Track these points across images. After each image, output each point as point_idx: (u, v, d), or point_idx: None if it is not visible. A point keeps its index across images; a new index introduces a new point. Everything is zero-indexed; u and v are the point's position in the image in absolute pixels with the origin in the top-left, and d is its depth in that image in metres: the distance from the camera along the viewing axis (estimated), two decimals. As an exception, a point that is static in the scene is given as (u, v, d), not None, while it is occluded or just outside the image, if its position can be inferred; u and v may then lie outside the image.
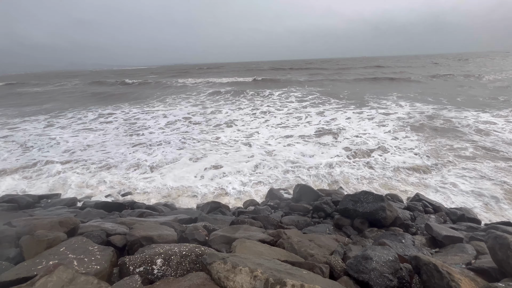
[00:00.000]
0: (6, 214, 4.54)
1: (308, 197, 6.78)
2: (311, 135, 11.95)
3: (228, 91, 27.05)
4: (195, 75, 52.90)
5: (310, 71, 50.86)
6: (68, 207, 6.05)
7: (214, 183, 7.82)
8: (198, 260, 2.59)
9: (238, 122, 15.09)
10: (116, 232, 3.41)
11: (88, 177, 8.38)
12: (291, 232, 3.98)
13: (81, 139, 12.80)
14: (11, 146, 12.09)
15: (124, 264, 2.47)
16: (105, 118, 17.26)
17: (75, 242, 2.78)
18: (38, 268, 2.27)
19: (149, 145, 11.50)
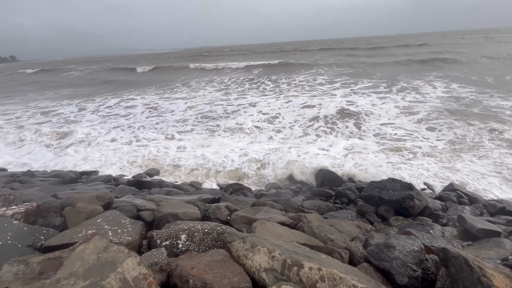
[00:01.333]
0: (53, 188, 5.09)
1: (330, 183, 6.67)
2: (336, 119, 11.50)
3: (253, 74, 26.68)
4: (219, 58, 52.56)
5: (340, 51, 47.78)
6: (104, 183, 6.61)
7: (236, 164, 7.96)
8: (219, 238, 2.71)
9: (261, 104, 14.94)
10: (146, 208, 3.67)
11: (121, 156, 9.00)
12: (312, 216, 3.97)
13: (113, 123, 13.66)
14: (52, 124, 13.32)
15: (152, 237, 2.67)
16: (126, 103, 18.04)
17: (110, 215, 3.04)
18: (78, 236, 2.54)
19: (174, 127, 11.96)
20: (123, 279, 1.67)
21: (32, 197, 3.84)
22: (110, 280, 1.61)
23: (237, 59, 47.89)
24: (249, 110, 14.07)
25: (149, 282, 1.79)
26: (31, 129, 12.69)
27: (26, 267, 1.91)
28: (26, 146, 10.69)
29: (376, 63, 28.95)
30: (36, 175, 7.15)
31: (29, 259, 1.99)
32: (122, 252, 1.89)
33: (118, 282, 1.63)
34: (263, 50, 72.24)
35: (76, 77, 38.45)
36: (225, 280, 1.82)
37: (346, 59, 34.70)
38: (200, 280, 1.81)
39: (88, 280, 1.59)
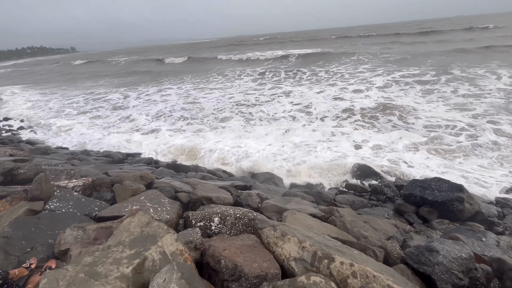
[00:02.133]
0: (104, 166, 5.69)
1: (366, 178, 6.33)
2: (374, 112, 10.70)
3: (289, 64, 26.00)
4: (254, 47, 52.10)
5: (386, 38, 43.77)
6: (146, 165, 7.18)
7: (270, 155, 7.98)
8: (250, 224, 2.78)
9: (295, 95, 14.58)
10: (182, 190, 3.90)
11: (160, 141, 9.66)
12: (345, 211, 3.84)
13: (153, 110, 14.64)
14: (104, 112, 14.76)
15: (188, 218, 2.84)
16: (164, 92, 18.99)
17: (151, 194, 3.31)
18: (125, 210, 2.82)
19: (210, 116, 12.36)
20: (163, 252, 1.82)
21: (88, 173, 4.34)
22: (151, 252, 1.76)
23: (273, 47, 47.00)
24: (283, 100, 13.87)
25: (185, 257, 1.93)
26: (87, 114, 14.23)
27: (84, 233, 2.19)
28: (82, 129, 12.08)
29: (428, 50, 25.97)
30: (91, 154, 8.05)
31: (86, 226, 2.27)
32: (162, 228, 2.06)
33: (158, 254, 1.78)
34: (300, 37, 69.63)
35: (122, 67, 41.59)
36: (255, 264, 1.87)
37: (393, 46, 31.71)
38: (231, 262, 1.89)
39: (134, 249, 1.77)
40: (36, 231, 2.26)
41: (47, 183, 2.89)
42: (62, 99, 19.83)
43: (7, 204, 2.69)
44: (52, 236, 2.28)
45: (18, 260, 1.99)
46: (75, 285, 1.41)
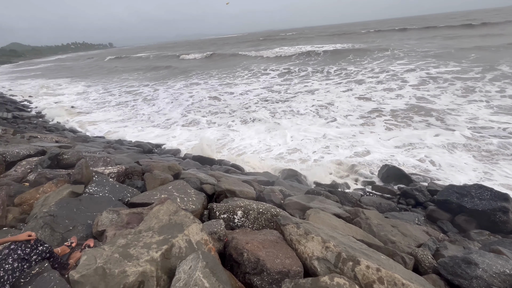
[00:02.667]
0: (136, 155, 6.05)
1: (396, 180, 6.00)
2: (408, 110, 10.02)
3: (317, 60, 25.24)
4: (281, 42, 51.28)
5: (424, 32, 40.61)
6: (174, 156, 7.50)
7: (296, 153, 7.90)
8: (273, 219, 2.78)
9: (320, 93, 14.17)
10: (207, 182, 4.01)
11: (187, 133, 10.00)
12: (371, 213, 3.69)
13: (182, 104, 15.15)
14: (139, 104, 15.62)
15: (212, 209, 2.92)
16: (190, 86, 19.47)
17: (178, 184, 3.45)
18: (154, 198, 2.97)
19: (235, 111, 12.52)
20: (188, 241, 1.89)
21: (122, 161, 4.64)
22: (178, 239, 1.84)
23: (300, 42, 45.87)
24: (308, 97, 13.56)
25: (209, 247, 1.99)
26: (121, 106, 15.16)
27: (118, 216, 2.35)
28: (117, 119, 12.91)
29: (473, 44, 23.59)
30: (124, 143, 8.59)
31: (120, 211, 2.43)
32: (188, 218, 2.14)
33: (184, 242, 1.86)
34: (329, 32, 67.11)
35: (151, 61, 43.36)
36: (277, 260, 1.87)
37: (433, 40, 29.28)
38: (253, 255, 1.91)
39: (162, 236, 1.86)
40: (77, 212, 2.47)
41: (87, 169, 3.14)
42: (101, 91, 21.32)
43: (53, 185, 2.98)
44: (90, 217, 2.48)
45: (62, 237, 2.20)
46: (110, 263, 1.52)
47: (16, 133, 7.20)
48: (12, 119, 12.21)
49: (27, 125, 11.23)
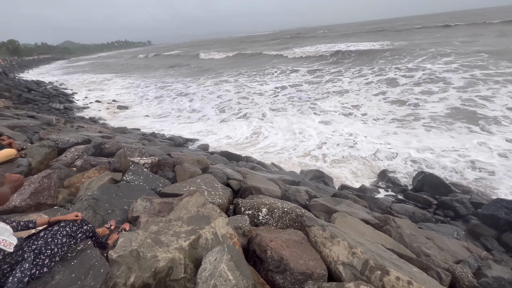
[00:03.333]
0: (168, 148, 6.37)
1: (433, 189, 5.56)
2: (448, 117, 9.16)
3: (349, 60, 24.16)
4: (316, 40, 49.94)
5: (476, 28, 36.71)
6: (202, 150, 7.76)
7: (323, 155, 7.72)
8: (298, 220, 2.75)
9: (350, 95, 13.57)
10: (234, 177, 4.09)
11: (215, 129, 10.28)
12: (403, 222, 3.48)
13: (211, 101, 15.60)
14: (170, 97, 16.45)
15: (237, 204, 2.98)
16: (220, 84, 19.87)
17: (206, 178, 3.57)
18: (183, 189, 3.11)
19: (264, 107, 12.57)
20: (215, 233, 1.95)
21: (155, 153, 4.92)
22: (205, 231, 1.91)
23: (334, 40, 44.31)
24: (335, 98, 13.10)
25: (234, 242, 2.03)
26: (156, 100, 16.06)
27: (151, 205, 2.50)
28: (153, 112, 13.71)
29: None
30: (157, 136, 9.09)
31: (153, 199, 2.59)
32: (215, 211, 2.20)
33: (211, 234, 1.92)
34: (367, 29, 63.79)
35: (182, 59, 45.10)
36: (301, 261, 1.85)
37: (479, 39, 26.37)
38: (277, 254, 1.91)
39: (190, 226, 1.94)
40: (115, 197, 2.68)
41: (125, 158, 3.39)
42: (140, 86, 22.78)
43: (96, 171, 3.26)
44: (127, 203, 2.67)
45: (102, 219, 2.41)
46: (144, 247, 1.64)
47: (67, 122, 8.00)
48: (63, 110, 13.60)
49: (76, 115, 12.42)
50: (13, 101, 15.75)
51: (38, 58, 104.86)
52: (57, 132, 5.50)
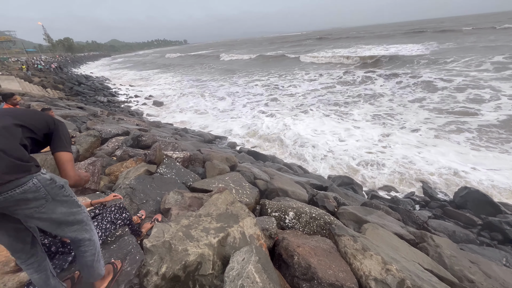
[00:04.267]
0: (198, 144, 6.58)
1: (478, 208, 5.03)
2: (499, 130, 8.17)
3: (387, 63, 22.78)
4: (349, 43, 48.03)
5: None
6: (230, 148, 7.89)
7: (352, 160, 7.40)
8: (326, 227, 2.66)
9: (382, 101, 12.79)
10: (261, 178, 4.09)
11: (245, 128, 10.38)
12: (441, 240, 3.19)
13: (243, 100, 15.78)
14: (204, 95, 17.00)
15: (264, 205, 2.96)
16: (251, 84, 19.99)
17: (234, 176, 3.61)
18: (213, 186, 3.18)
19: (294, 109, 12.42)
20: (242, 233, 1.96)
21: (187, 148, 5.11)
22: (233, 229, 1.92)
23: (371, 42, 42.14)
24: (367, 103, 12.43)
25: (261, 243, 2.02)
26: (189, 96, 16.69)
27: (182, 198, 2.60)
28: (186, 107, 14.30)
29: None
30: (189, 132, 9.45)
31: (184, 193, 2.69)
32: (243, 210, 2.21)
33: (238, 233, 1.93)
34: (407, 29, 59.70)
35: (211, 59, 46.23)
36: (330, 271, 1.78)
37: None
38: (305, 260, 1.86)
39: (219, 223, 1.97)
40: (150, 188, 2.83)
41: (160, 151, 3.56)
42: (175, 83, 23.90)
43: (134, 162, 3.48)
44: (159, 194, 2.81)
45: (137, 208, 2.56)
46: (175, 240, 1.70)
47: (109, 114, 8.67)
48: (106, 103, 14.76)
49: (117, 108, 13.41)
50: (66, 92, 17.51)
51: (88, 54, 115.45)
52: (101, 123, 5.98)
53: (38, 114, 1.24)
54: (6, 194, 0.96)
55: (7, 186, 0.95)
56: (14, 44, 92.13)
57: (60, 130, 1.25)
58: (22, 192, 0.99)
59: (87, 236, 1.29)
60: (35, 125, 1.16)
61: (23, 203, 1.01)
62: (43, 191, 1.05)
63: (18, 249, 1.21)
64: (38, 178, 1.04)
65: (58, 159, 1.23)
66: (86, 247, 1.31)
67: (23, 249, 1.22)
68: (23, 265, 1.25)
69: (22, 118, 1.13)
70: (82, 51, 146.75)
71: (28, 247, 1.23)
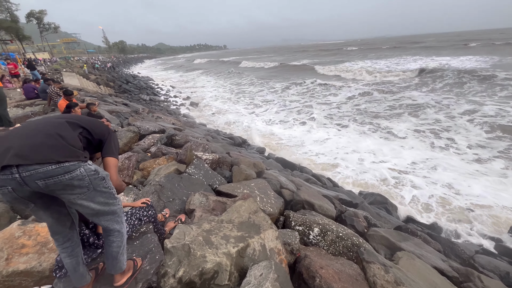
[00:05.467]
0: (228, 147, 6.68)
1: (542, 249, 4.27)
2: None
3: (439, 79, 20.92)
4: (391, 52, 45.29)
5: None
6: (259, 153, 7.86)
7: (387, 177, 6.88)
8: (353, 249, 2.45)
9: (428, 112, 11.67)
10: (287, 187, 3.97)
11: (278, 134, 10.31)
12: (492, 283, 2.75)
13: (273, 107, 15.76)
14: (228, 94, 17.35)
15: (288, 217, 2.85)
16: (285, 91, 19.79)
17: (260, 183, 3.55)
18: (238, 191, 3.15)
19: (332, 119, 12.01)
20: (263, 245, 1.88)
21: (216, 150, 5.20)
22: (254, 240, 1.86)
23: (418, 52, 39.15)
24: (413, 115, 11.46)
25: (281, 259, 1.92)
26: (224, 99, 17.17)
27: (206, 201, 2.61)
28: (222, 109, 14.73)
29: None
30: (220, 134, 9.67)
31: (209, 196, 2.70)
32: (266, 221, 2.14)
33: (259, 245, 1.86)
34: (465, 39, 54.46)
35: (244, 64, 47.10)
36: (355, 301, 1.61)
37: None
38: (327, 285, 1.72)
39: (240, 232, 1.92)
40: (177, 187, 2.90)
41: (190, 152, 3.66)
42: (211, 86, 24.87)
43: (165, 160, 3.62)
44: (186, 194, 2.86)
45: (164, 205, 2.63)
46: (195, 244, 1.69)
47: (149, 112, 9.27)
48: (148, 101, 15.85)
49: (157, 107, 14.32)
50: (115, 90, 19.24)
51: (137, 56, 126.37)
52: (141, 120, 6.40)
53: (99, 123, 1.45)
54: (56, 178, 1.08)
55: (57, 170, 1.08)
56: (78, 45, 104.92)
57: (112, 138, 1.45)
58: (70, 178, 1.12)
59: (117, 227, 1.39)
60: (94, 131, 1.37)
61: (69, 188, 1.14)
62: (87, 180, 1.17)
63: (58, 231, 1.35)
64: (84, 168, 1.16)
65: (105, 162, 1.41)
66: (115, 238, 1.40)
67: (62, 232, 1.36)
68: (59, 248, 1.37)
69: (87, 123, 1.35)
70: (133, 52, 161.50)
71: (66, 230, 1.37)
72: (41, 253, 1.75)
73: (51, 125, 1.18)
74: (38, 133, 1.12)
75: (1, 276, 1.59)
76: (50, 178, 1.06)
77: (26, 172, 1.03)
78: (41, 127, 1.15)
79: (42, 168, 1.04)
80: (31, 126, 1.18)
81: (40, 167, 1.04)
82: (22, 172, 1.03)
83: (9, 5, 36.50)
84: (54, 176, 1.07)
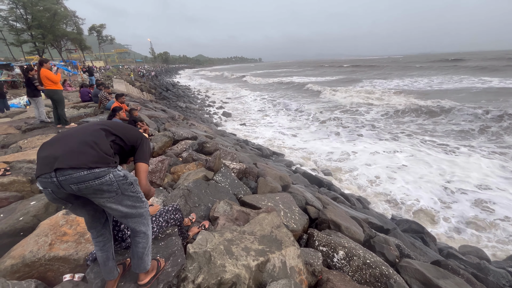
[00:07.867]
0: (255, 157, 6.73)
1: None
2: None
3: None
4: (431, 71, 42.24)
5: None
6: (286, 167, 7.77)
7: (423, 200, 6.30)
8: (382, 280, 2.26)
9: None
10: (313, 204, 3.84)
11: (305, 149, 10.14)
12: None
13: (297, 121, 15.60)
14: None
15: (312, 235, 2.74)
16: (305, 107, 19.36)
17: (285, 197, 3.49)
18: (262, 203, 3.13)
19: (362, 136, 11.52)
20: (283, 262, 1.83)
21: (244, 160, 5.27)
22: (274, 256, 1.82)
23: (466, 72, 35.95)
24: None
25: (301, 279, 1.85)
26: (257, 110, 17.44)
27: (230, 210, 2.63)
28: (252, 121, 15.01)
29: None
30: (249, 144, 9.80)
31: (233, 205, 2.73)
32: (288, 237, 2.08)
33: (279, 262, 1.82)
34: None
35: (280, 78, 47.40)
36: None
37: None
38: (349, 315, 1.60)
39: (261, 246, 1.90)
40: (204, 194, 2.98)
41: (219, 160, 3.76)
42: (246, 98, 25.56)
43: (195, 166, 3.77)
44: (211, 201, 2.93)
45: (190, 210, 2.72)
46: (216, 253, 1.70)
47: (184, 119, 9.79)
48: (184, 108, 16.77)
49: (191, 114, 15.07)
50: (156, 96, 20.76)
51: (179, 66, 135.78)
52: (176, 126, 6.78)
53: (133, 130, 1.52)
54: (87, 183, 1.17)
55: (88, 176, 1.16)
56: (128, 55, 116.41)
57: (144, 145, 1.51)
58: (100, 184, 1.19)
59: (143, 230, 1.46)
60: (127, 138, 1.44)
61: (99, 192, 1.22)
62: (115, 185, 1.25)
63: (92, 226, 1.46)
64: (113, 174, 1.24)
65: (136, 167, 1.47)
66: (141, 239, 1.47)
67: (96, 227, 1.47)
68: (94, 241, 1.49)
69: (120, 130, 1.43)
70: (175, 63, 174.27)
71: (100, 226, 1.48)
72: (79, 243, 1.90)
73: (87, 133, 1.27)
74: (75, 140, 1.22)
75: (44, 260, 1.77)
76: (82, 183, 1.15)
77: (62, 177, 1.13)
78: (78, 135, 1.26)
79: (76, 173, 1.13)
80: (71, 132, 1.29)
81: (74, 172, 1.13)
82: (59, 176, 1.13)
83: (77, 19, 42.16)
84: (86, 181, 1.15)
